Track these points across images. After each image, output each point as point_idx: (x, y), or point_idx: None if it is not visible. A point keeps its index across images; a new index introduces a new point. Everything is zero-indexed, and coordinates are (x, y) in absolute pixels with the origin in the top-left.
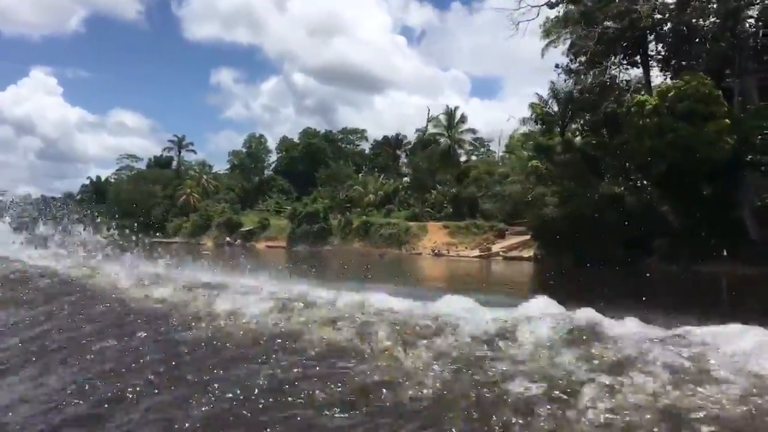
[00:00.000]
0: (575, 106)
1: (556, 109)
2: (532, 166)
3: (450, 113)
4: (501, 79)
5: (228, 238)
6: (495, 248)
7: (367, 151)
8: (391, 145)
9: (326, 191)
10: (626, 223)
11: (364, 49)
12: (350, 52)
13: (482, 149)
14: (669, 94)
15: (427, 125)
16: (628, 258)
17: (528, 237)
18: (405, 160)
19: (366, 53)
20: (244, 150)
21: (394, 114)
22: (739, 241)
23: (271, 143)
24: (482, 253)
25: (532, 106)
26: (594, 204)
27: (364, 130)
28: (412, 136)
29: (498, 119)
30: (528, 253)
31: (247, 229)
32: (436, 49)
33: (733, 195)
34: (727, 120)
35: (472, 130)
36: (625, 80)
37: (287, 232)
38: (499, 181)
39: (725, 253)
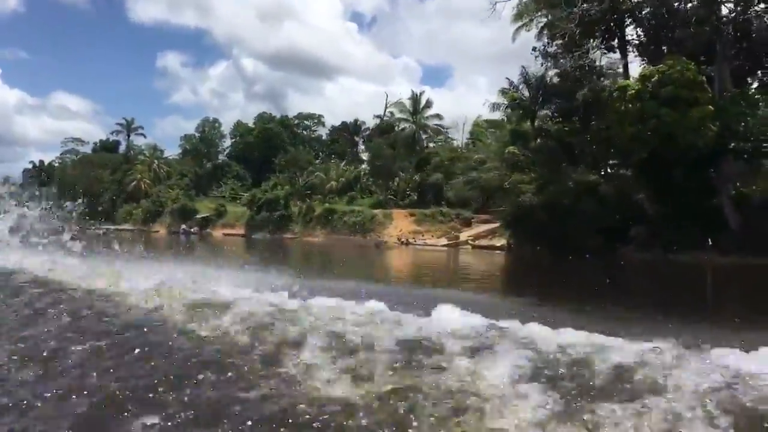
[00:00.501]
0: (547, 91)
1: (527, 94)
2: (509, 153)
3: (415, 98)
4: (451, 68)
5: (183, 226)
6: (462, 237)
7: (324, 137)
8: (349, 130)
9: (285, 177)
10: (603, 211)
11: (315, 34)
12: (300, 37)
13: (440, 136)
14: (652, 79)
15: (385, 111)
16: (604, 247)
17: (495, 225)
18: (363, 147)
19: (316, 39)
20: (196, 134)
21: (345, 101)
22: (718, 230)
23: (224, 128)
24: (450, 242)
25: (503, 92)
26: (571, 192)
27: (320, 116)
28: (370, 122)
29: (448, 107)
30: (499, 242)
31: (203, 216)
32: (387, 36)
33: (712, 183)
34: (710, 106)
35: (438, 116)
36: (603, 65)
37: (245, 219)
38: (475, 167)
39: (710, 243)
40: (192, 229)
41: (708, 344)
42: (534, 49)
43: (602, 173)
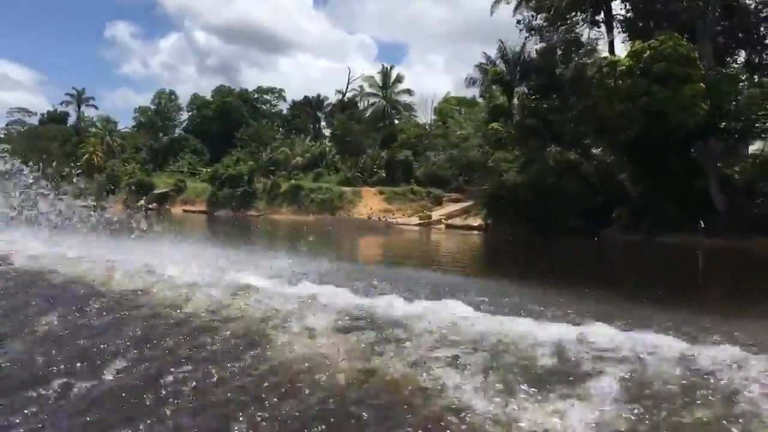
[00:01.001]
0: (526, 67)
1: (504, 69)
2: (491, 129)
3: (386, 72)
4: (407, 45)
5: (141, 202)
6: (435, 216)
7: (284, 112)
8: (312, 106)
9: (247, 153)
10: (585, 191)
11: (269, 8)
12: (254, 10)
13: (409, 113)
14: (644, 55)
15: (348, 87)
16: (585, 228)
17: (468, 204)
18: (326, 123)
19: (270, 12)
20: (152, 107)
21: (300, 77)
22: (704, 212)
23: (180, 101)
24: (422, 221)
25: (481, 67)
26: (554, 171)
27: (281, 90)
28: (333, 98)
29: (405, 85)
30: (474, 221)
31: (161, 191)
32: (343, 12)
33: (698, 164)
34: (702, 84)
35: (408, 92)
36: (589, 40)
37: (207, 195)
38: (456, 144)
39: (702, 225)
40: (150, 206)
41: None
42: (518, 22)
43: (584, 153)
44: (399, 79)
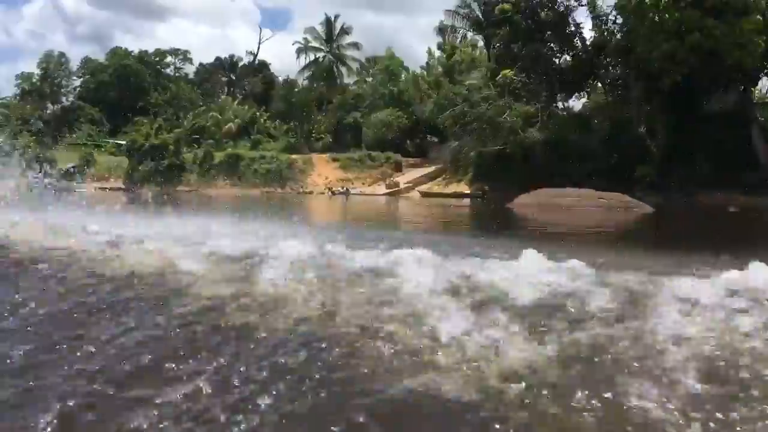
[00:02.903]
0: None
1: (479, 15)
2: (504, 77)
3: (329, 22)
4: (290, 11)
5: (47, 180)
6: (402, 183)
7: (190, 77)
8: (224, 68)
9: (165, 120)
10: (603, 148)
11: None
12: None
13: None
14: None
15: (259, 48)
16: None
17: (433, 169)
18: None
19: None
20: (37, 73)
21: (179, 44)
22: (745, 168)
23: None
24: (391, 190)
25: (457, 12)
26: (574, 125)
27: (187, 51)
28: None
29: (291, 51)
30: (458, 187)
31: (71, 166)
32: None
33: (741, 111)
34: (759, 17)
35: (356, 45)
36: None
37: (124, 170)
38: (466, 98)
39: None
40: (59, 183)
41: None
42: None
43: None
44: (346, 31)
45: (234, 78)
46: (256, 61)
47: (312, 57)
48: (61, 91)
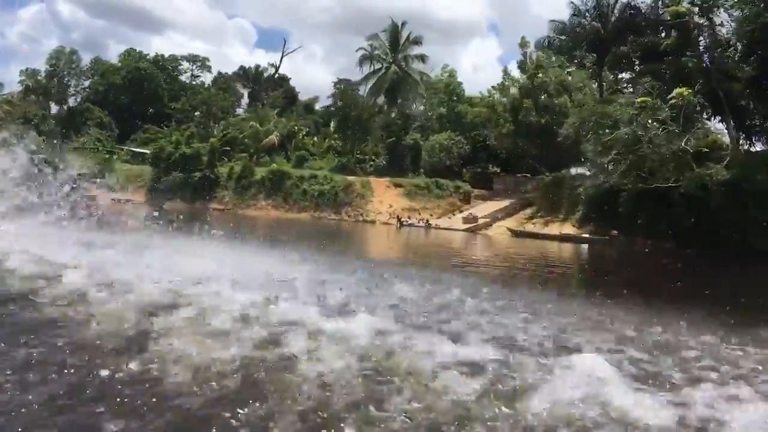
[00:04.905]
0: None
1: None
2: (678, 96)
3: (396, 30)
4: (287, 33)
5: (66, 188)
6: (480, 217)
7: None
8: (248, 78)
9: (196, 128)
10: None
11: None
12: None
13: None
14: None
15: (281, 60)
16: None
17: (507, 203)
18: (269, 99)
19: None
20: (43, 70)
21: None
22: None
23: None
24: (468, 225)
25: (569, 22)
26: (759, 164)
27: (206, 58)
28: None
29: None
30: (559, 228)
31: (82, 173)
32: None
33: None
34: None
35: (422, 58)
36: None
37: (146, 181)
38: (606, 124)
39: None
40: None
41: None
42: None
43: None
44: (416, 41)
45: (257, 89)
46: (277, 74)
47: (374, 67)
48: (69, 91)
